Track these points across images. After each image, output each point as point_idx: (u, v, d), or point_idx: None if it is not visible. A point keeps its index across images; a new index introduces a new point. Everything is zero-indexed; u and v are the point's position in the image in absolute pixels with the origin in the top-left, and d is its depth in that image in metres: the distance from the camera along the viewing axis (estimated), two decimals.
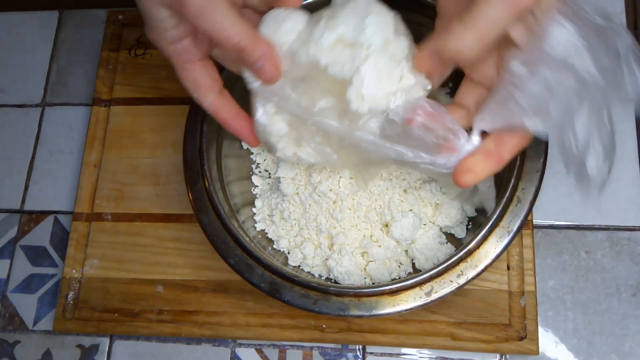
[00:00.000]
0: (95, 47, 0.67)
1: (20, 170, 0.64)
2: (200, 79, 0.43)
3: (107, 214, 0.59)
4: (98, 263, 0.58)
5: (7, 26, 0.70)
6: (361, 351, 0.54)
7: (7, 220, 0.63)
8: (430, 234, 0.51)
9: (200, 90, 0.43)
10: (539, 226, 0.55)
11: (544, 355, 0.52)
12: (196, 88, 0.43)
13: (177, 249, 0.57)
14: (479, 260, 0.45)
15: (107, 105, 0.63)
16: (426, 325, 0.52)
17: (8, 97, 0.68)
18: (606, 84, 0.33)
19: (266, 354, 0.55)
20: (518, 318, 0.51)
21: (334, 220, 0.51)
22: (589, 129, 0.34)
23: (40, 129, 0.66)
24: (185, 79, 0.43)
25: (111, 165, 0.61)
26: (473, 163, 0.37)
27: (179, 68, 0.42)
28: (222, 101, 0.44)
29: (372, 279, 0.51)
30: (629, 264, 0.53)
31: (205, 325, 0.54)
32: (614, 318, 0.52)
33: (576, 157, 0.34)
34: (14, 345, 0.58)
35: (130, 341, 0.57)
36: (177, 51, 0.41)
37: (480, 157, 0.37)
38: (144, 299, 0.56)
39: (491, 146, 0.37)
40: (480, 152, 0.37)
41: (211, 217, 0.49)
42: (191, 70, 0.42)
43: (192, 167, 0.51)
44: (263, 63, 0.39)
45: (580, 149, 0.34)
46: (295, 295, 0.46)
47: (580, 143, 0.34)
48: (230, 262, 0.48)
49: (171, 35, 0.40)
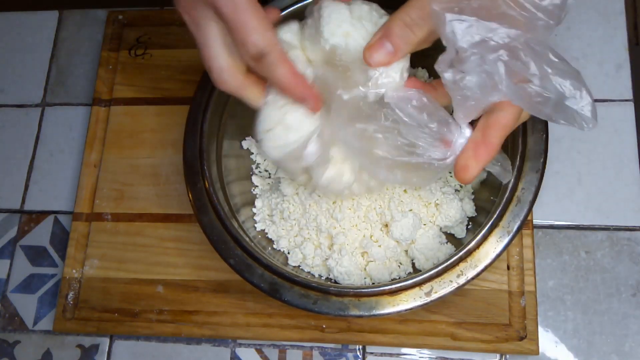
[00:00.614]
0: (95, 47, 0.67)
1: (20, 170, 0.64)
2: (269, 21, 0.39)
3: (107, 214, 0.59)
4: (98, 263, 0.58)
5: (7, 26, 0.70)
6: (361, 351, 0.54)
7: (7, 220, 0.63)
8: (430, 234, 0.51)
9: (273, 30, 0.39)
10: (539, 226, 0.55)
11: (544, 355, 0.52)
12: (270, 26, 0.39)
13: (177, 249, 0.57)
14: (479, 260, 0.45)
15: (107, 105, 0.63)
16: (426, 325, 0.52)
17: (8, 97, 0.68)
18: (526, 30, 0.34)
19: (266, 354, 0.55)
20: (518, 318, 0.51)
21: (333, 220, 0.51)
22: (543, 74, 0.35)
23: (40, 129, 0.66)
24: (256, 17, 0.38)
25: (111, 165, 0.61)
26: (464, 160, 0.38)
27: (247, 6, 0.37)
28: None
29: (372, 279, 0.51)
30: (629, 264, 0.53)
31: (205, 325, 0.54)
32: (614, 318, 0.52)
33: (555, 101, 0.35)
34: (14, 345, 0.58)
35: (130, 341, 0.57)
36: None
37: (470, 152, 0.38)
38: (144, 299, 0.56)
39: (479, 135, 0.38)
40: (469, 146, 0.38)
41: (211, 217, 0.49)
42: (260, 10, 0.38)
43: (192, 167, 0.51)
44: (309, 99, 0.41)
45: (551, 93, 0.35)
46: (295, 295, 0.46)
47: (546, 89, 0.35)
48: (230, 262, 0.48)
49: None
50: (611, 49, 0.59)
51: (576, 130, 0.56)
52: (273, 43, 0.39)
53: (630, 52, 0.59)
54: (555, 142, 0.56)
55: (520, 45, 0.35)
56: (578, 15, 0.60)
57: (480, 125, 0.38)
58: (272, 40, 0.39)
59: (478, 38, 0.35)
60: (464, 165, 0.38)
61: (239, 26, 0.38)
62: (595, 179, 0.56)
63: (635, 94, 0.58)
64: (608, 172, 0.56)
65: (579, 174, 0.56)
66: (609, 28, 0.60)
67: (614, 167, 0.56)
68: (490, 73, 0.35)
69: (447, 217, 0.51)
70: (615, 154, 0.56)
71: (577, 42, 0.60)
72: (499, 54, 0.35)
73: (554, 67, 0.35)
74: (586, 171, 0.56)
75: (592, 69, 0.58)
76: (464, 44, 0.35)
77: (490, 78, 0.35)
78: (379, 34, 0.39)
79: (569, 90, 0.35)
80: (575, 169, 0.56)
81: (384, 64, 0.39)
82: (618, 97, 0.57)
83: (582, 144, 0.57)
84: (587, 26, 0.60)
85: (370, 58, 0.39)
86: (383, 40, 0.38)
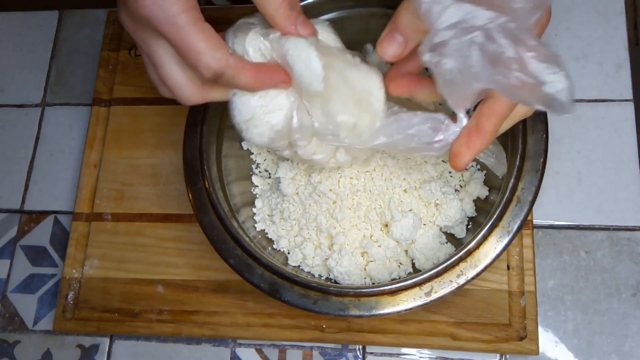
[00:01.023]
0: (95, 47, 0.67)
1: (20, 170, 0.64)
2: (217, 36, 0.37)
3: (107, 214, 0.59)
4: (98, 263, 0.58)
5: (7, 26, 0.70)
6: (361, 351, 0.54)
7: (7, 220, 0.63)
8: (430, 234, 0.51)
9: (222, 47, 0.37)
10: (539, 226, 0.55)
11: (544, 355, 0.52)
12: (219, 45, 0.37)
13: (177, 249, 0.57)
14: (479, 260, 0.45)
15: (107, 105, 0.63)
16: (426, 325, 0.52)
17: (8, 97, 0.68)
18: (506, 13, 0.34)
19: (266, 354, 0.55)
20: (518, 318, 0.51)
21: (334, 220, 0.51)
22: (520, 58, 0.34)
23: (40, 129, 0.66)
24: (202, 38, 0.36)
25: (111, 165, 0.61)
26: (457, 147, 0.38)
27: (191, 26, 0.36)
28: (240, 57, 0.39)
29: (372, 279, 0.51)
30: (629, 264, 0.53)
31: (205, 325, 0.54)
32: (614, 318, 0.52)
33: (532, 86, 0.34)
34: (14, 345, 0.58)
35: (130, 341, 0.57)
36: (189, 5, 0.36)
37: (462, 139, 0.38)
38: (144, 299, 0.56)
39: (473, 123, 0.38)
40: (463, 133, 0.38)
41: (211, 217, 0.49)
42: (206, 28, 0.36)
43: (192, 167, 0.51)
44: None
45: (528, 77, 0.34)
46: (295, 295, 0.46)
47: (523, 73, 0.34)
48: (230, 262, 0.48)
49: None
50: (611, 49, 0.59)
51: (576, 130, 0.57)
52: (225, 62, 0.37)
53: (630, 52, 0.59)
54: (555, 142, 0.56)
55: (498, 28, 0.34)
56: (578, 15, 0.60)
57: (476, 113, 0.38)
58: (224, 59, 0.37)
59: (455, 20, 0.34)
60: (456, 152, 0.38)
61: (186, 50, 0.36)
62: (595, 179, 0.56)
63: (635, 94, 0.58)
64: (608, 172, 0.56)
65: (579, 174, 0.56)
66: (609, 28, 0.60)
67: (614, 167, 0.56)
68: (466, 56, 0.34)
69: (447, 217, 0.51)
70: (615, 154, 0.56)
71: (577, 42, 0.60)
72: (473, 35, 0.34)
73: (531, 50, 0.34)
74: (586, 171, 0.56)
75: (592, 69, 0.58)
76: (440, 26, 0.34)
77: (468, 61, 0.34)
78: (388, 28, 0.38)
79: (547, 74, 0.34)
80: (575, 169, 0.56)
81: (398, 55, 0.38)
82: (618, 97, 0.57)
83: (582, 144, 0.57)
84: (587, 26, 0.60)
85: (384, 53, 0.38)
86: (393, 33, 0.38)
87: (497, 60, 0.34)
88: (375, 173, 0.52)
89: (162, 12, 0.35)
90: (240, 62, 0.38)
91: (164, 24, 0.35)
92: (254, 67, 0.39)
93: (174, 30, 0.35)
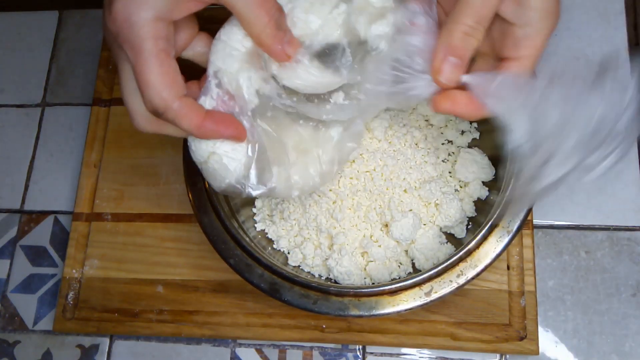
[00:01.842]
0: (95, 47, 0.67)
1: (20, 170, 0.64)
2: (175, 74, 0.36)
3: (107, 214, 0.59)
4: (98, 263, 0.58)
5: (7, 26, 0.70)
6: (361, 351, 0.54)
7: (7, 220, 0.63)
8: (430, 234, 0.51)
9: (174, 87, 0.35)
10: (539, 226, 0.55)
11: (544, 355, 0.52)
12: (171, 84, 0.35)
13: (177, 249, 0.57)
14: (479, 260, 0.45)
15: (107, 105, 0.63)
16: (426, 325, 0.52)
17: (8, 97, 0.68)
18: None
19: (266, 354, 0.55)
20: (518, 318, 0.51)
21: (333, 220, 0.51)
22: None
23: (40, 129, 0.66)
24: (157, 72, 0.34)
25: (111, 165, 0.61)
26: (455, 94, 0.38)
27: (150, 56, 0.34)
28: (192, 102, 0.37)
29: (372, 279, 0.51)
30: (629, 264, 0.53)
31: (205, 325, 0.54)
32: (614, 318, 0.52)
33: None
34: (14, 345, 0.58)
35: (130, 341, 0.57)
36: (159, 34, 0.34)
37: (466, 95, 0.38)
38: (144, 299, 0.56)
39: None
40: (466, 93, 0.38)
41: (211, 217, 0.49)
42: (166, 62, 0.35)
43: (192, 167, 0.51)
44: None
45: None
46: (295, 295, 0.46)
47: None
48: (230, 262, 0.48)
49: (164, 6, 0.34)
50: (611, 49, 0.59)
51: None
52: (169, 103, 0.35)
53: (630, 52, 0.59)
54: None
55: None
56: (578, 16, 0.60)
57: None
58: (169, 99, 0.35)
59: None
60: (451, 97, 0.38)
61: (138, 77, 0.35)
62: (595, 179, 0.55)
63: None
64: (608, 172, 0.55)
65: None
66: (609, 28, 0.60)
67: (614, 167, 0.55)
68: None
69: (447, 217, 0.51)
70: None
71: (577, 42, 0.60)
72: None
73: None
74: None
75: None
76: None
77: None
78: (440, 54, 0.37)
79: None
80: None
81: (456, 79, 0.38)
82: None
83: None
84: (587, 26, 0.60)
85: (442, 79, 0.37)
86: (447, 57, 0.37)
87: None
88: (375, 173, 0.52)
89: (130, 32, 0.34)
90: (186, 107, 0.36)
91: (127, 43, 0.34)
92: (202, 116, 0.37)
93: (134, 53, 0.34)
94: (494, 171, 0.52)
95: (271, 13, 0.36)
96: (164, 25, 0.35)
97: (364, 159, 0.52)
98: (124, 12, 0.34)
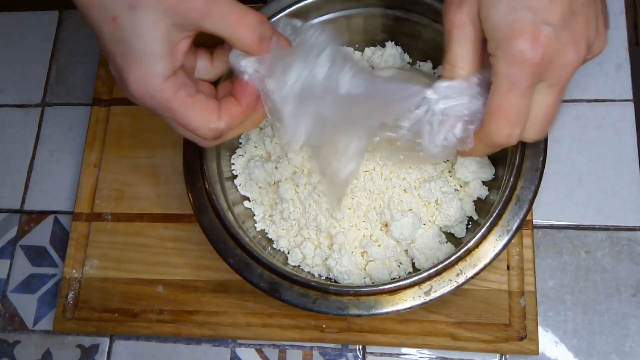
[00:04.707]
0: (95, 47, 0.67)
1: (20, 170, 0.64)
2: (206, 103, 0.38)
3: (107, 214, 0.59)
4: (98, 263, 0.58)
5: (7, 26, 0.71)
6: (361, 351, 0.54)
7: (7, 220, 0.63)
8: (429, 234, 0.51)
9: (213, 114, 0.38)
10: (539, 226, 0.55)
11: (544, 355, 0.52)
12: (209, 114, 0.38)
13: (177, 249, 0.57)
14: (478, 259, 0.45)
15: (107, 105, 0.63)
16: (426, 325, 0.52)
17: (8, 97, 0.68)
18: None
19: (266, 354, 0.55)
20: (518, 318, 0.51)
21: (333, 219, 0.51)
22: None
23: (40, 129, 0.66)
24: (193, 116, 0.38)
25: (111, 165, 0.61)
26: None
27: (180, 107, 0.37)
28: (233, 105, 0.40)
29: (371, 279, 0.51)
30: (629, 264, 0.53)
31: (205, 325, 0.54)
32: (614, 318, 0.52)
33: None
34: (14, 345, 0.58)
35: (130, 341, 0.57)
36: (176, 85, 0.37)
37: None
38: (144, 299, 0.56)
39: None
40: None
41: (211, 217, 0.49)
42: (196, 103, 0.38)
43: (192, 167, 0.51)
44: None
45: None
46: (294, 294, 0.46)
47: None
48: (230, 262, 0.48)
49: (164, 66, 0.36)
50: (611, 49, 0.59)
51: (576, 130, 0.57)
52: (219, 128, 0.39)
53: (630, 52, 0.58)
54: (555, 142, 0.56)
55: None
56: None
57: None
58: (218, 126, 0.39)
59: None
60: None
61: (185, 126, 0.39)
62: (595, 179, 0.56)
63: (635, 94, 0.58)
64: (608, 172, 0.56)
65: (579, 174, 0.56)
66: (609, 28, 0.60)
67: (614, 167, 0.55)
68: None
69: (446, 216, 0.51)
70: (615, 154, 0.56)
71: None
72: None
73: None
74: (586, 171, 0.56)
75: (592, 69, 0.58)
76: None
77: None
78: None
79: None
80: (575, 169, 0.56)
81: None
82: (618, 97, 0.57)
83: (582, 144, 0.57)
84: None
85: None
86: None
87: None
88: (375, 172, 0.52)
89: (155, 101, 0.37)
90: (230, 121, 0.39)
91: (159, 109, 0.38)
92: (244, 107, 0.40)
93: (169, 113, 0.38)
94: (493, 171, 0.52)
95: (252, 28, 0.37)
96: (174, 78, 0.37)
97: (364, 159, 0.52)
98: (139, 89, 0.37)
